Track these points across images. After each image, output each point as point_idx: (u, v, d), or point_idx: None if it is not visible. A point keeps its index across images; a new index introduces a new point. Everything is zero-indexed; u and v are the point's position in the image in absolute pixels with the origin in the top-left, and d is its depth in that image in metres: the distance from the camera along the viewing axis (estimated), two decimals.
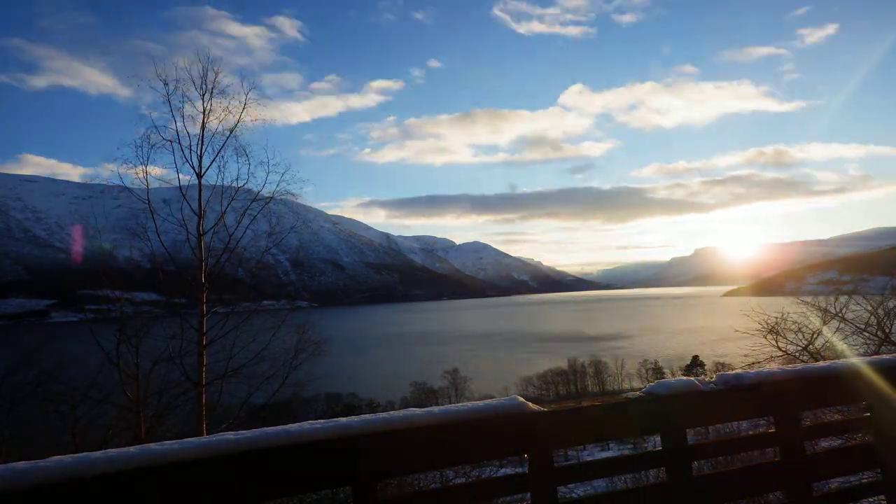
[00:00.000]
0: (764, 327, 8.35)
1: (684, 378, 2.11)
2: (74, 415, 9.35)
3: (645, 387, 2.09)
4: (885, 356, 2.56)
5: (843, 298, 8.24)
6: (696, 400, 2.02)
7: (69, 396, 9.43)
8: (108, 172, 9.73)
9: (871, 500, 2.42)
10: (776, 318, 8.35)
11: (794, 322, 8.18)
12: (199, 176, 9.97)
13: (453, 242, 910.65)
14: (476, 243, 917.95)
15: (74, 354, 10.29)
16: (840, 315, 7.88)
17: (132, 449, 1.39)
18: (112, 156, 9.54)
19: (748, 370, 2.23)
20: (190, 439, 1.46)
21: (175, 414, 10.36)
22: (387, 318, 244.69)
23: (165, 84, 9.81)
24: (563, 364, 68.59)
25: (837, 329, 7.87)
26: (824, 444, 4.71)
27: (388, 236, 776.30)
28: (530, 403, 1.81)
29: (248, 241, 11.00)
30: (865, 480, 2.97)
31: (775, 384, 2.13)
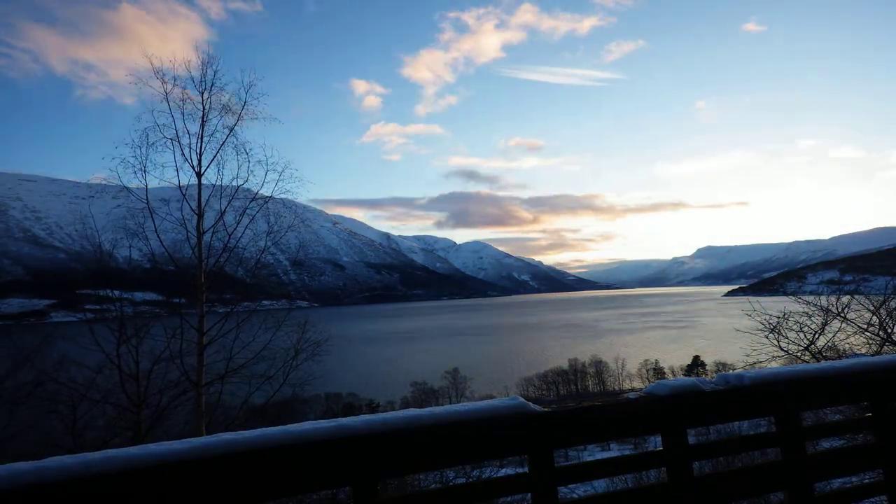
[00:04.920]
0: (765, 327, 8.33)
1: (685, 378, 2.10)
2: (74, 415, 9.34)
3: (645, 387, 2.08)
4: (886, 356, 2.55)
5: (844, 298, 8.21)
6: (697, 400, 2.02)
7: (69, 397, 9.43)
8: (106, 171, 9.69)
9: (872, 500, 2.41)
10: (777, 317, 8.33)
11: (796, 322, 8.15)
12: (199, 175, 9.95)
13: (454, 242, 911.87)
14: (476, 243, 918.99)
15: (74, 354, 10.28)
16: (842, 315, 7.85)
17: (132, 449, 1.39)
18: (111, 154, 9.51)
19: (749, 370, 2.23)
20: (189, 439, 1.46)
21: (175, 414, 10.35)
22: (387, 318, 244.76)
23: (164, 82, 9.79)
24: (564, 364, 68.60)
25: (839, 329, 7.84)
26: (825, 444, 4.72)
27: (388, 236, 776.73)
28: (531, 403, 1.81)
29: (248, 240, 10.99)
30: (867, 481, 2.97)
31: (776, 384, 2.12)
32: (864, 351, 7.40)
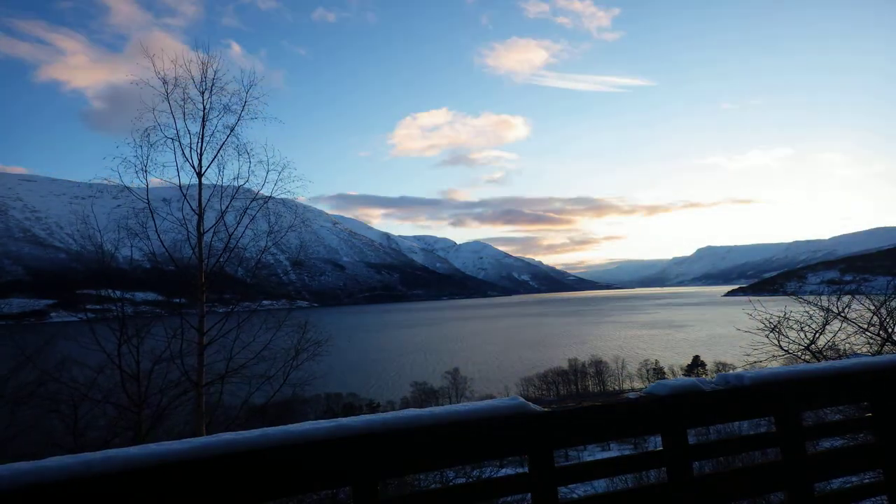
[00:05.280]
0: (765, 326, 8.32)
1: (685, 378, 2.10)
2: (75, 415, 9.35)
3: (646, 387, 2.08)
4: (886, 356, 2.55)
5: (845, 298, 8.19)
6: (697, 400, 2.02)
7: (70, 396, 9.44)
8: (107, 171, 9.68)
9: (872, 500, 2.41)
10: (778, 317, 8.32)
11: (796, 321, 8.14)
12: (199, 175, 9.95)
13: (454, 242, 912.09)
14: (476, 243, 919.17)
15: (75, 354, 10.29)
16: (842, 315, 7.84)
17: (132, 449, 1.39)
18: (111, 154, 9.50)
19: (749, 370, 2.22)
20: (190, 439, 1.46)
21: (175, 414, 10.36)
22: (387, 318, 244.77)
23: (164, 82, 9.78)
24: (564, 364, 68.60)
25: (839, 329, 7.83)
26: (826, 444, 4.72)
27: (388, 236, 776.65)
28: (531, 403, 1.81)
29: (248, 240, 10.99)
30: (867, 481, 2.97)
31: (776, 384, 2.12)
32: (864, 351, 7.40)
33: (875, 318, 7.66)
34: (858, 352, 7.29)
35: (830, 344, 7.80)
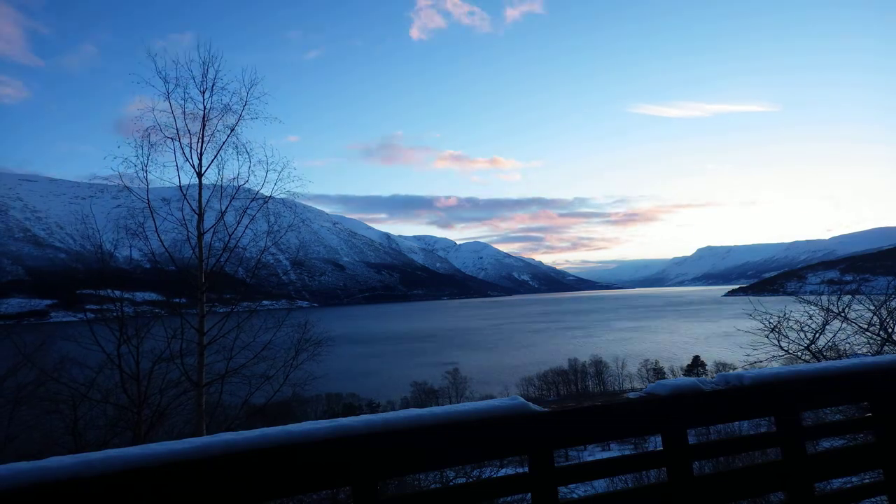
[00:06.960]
0: (765, 327, 8.33)
1: (685, 378, 2.10)
2: (75, 415, 9.35)
3: (646, 387, 2.08)
4: (886, 356, 2.55)
5: (845, 298, 8.21)
6: (697, 400, 2.01)
7: (69, 396, 9.43)
8: (107, 171, 9.67)
9: (873, 500, 2.41)
10: (778, 317, 8.33)
11: (796, 321, 8.16)
12: (200, 175, 9.95)
13: (454, 242, 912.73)
14: (476, 243, 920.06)
15: (75, 354, 10.29)
16: (842, 315, 7.85)
17: (132, 449, 1.39)
18: (112, 154, 9.50)
19: (749, 370, 2.22)
20: (190, 439, 1.46)
21: (175, 414, 10.36)
22: (387, 318, 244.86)
23: (165, 82, 9.78)
24: (564, 364, 68.57)
25: (839, 329, 7.83)
26: (826, 444, 4.72)
27: (388, 236, 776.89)
28: (531, 403, 1.81)
29: (249, 240, 10.99)
30: (867, 481, 2.96)
31: (777, 384, 2.12)
32: (864, 351, 7.40)
33: (875, 318, 7.67)
34: (858, 352, 7.29)
35: (830, 344, 7.81)
